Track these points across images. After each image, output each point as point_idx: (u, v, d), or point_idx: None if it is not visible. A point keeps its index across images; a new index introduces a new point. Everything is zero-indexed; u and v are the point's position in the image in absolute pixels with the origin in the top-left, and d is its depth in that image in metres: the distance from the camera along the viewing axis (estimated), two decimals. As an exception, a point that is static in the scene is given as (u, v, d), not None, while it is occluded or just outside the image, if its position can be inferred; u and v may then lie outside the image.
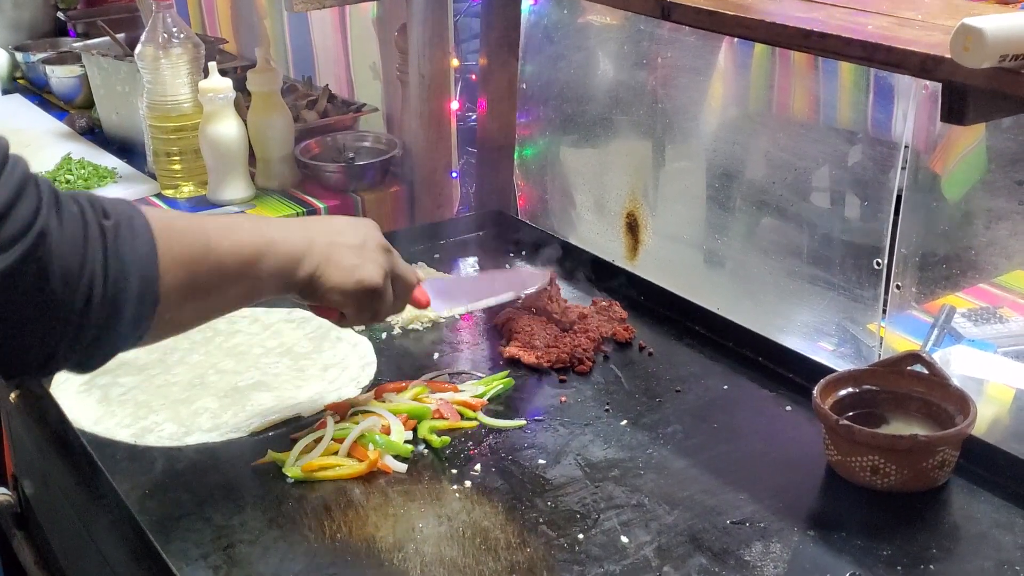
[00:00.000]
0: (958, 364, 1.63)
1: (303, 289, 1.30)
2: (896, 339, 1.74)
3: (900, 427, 1.38)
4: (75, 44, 2.96)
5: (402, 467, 1.40)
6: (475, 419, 1.50)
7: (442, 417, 1.48)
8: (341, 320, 1.38)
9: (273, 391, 1.57)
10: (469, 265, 2.03)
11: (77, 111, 2.81)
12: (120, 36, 2.65)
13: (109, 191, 2.31)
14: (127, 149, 2.52)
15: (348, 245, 1.33)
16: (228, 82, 2.21)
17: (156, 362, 1.65)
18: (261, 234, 1.24)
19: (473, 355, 1.69)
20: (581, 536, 1.26)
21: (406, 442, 1.43)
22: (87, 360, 1.06)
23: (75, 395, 1.58)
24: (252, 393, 1.57)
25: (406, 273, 1.41)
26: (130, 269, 1.04)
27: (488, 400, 1.54)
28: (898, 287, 1.71)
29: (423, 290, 1.47)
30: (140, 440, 1.47)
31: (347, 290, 1.31)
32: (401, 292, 1.41)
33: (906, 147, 1.67)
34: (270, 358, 1.66)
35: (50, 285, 0.97)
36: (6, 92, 3.11)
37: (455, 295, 1.62)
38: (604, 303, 1.78)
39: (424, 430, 1.46)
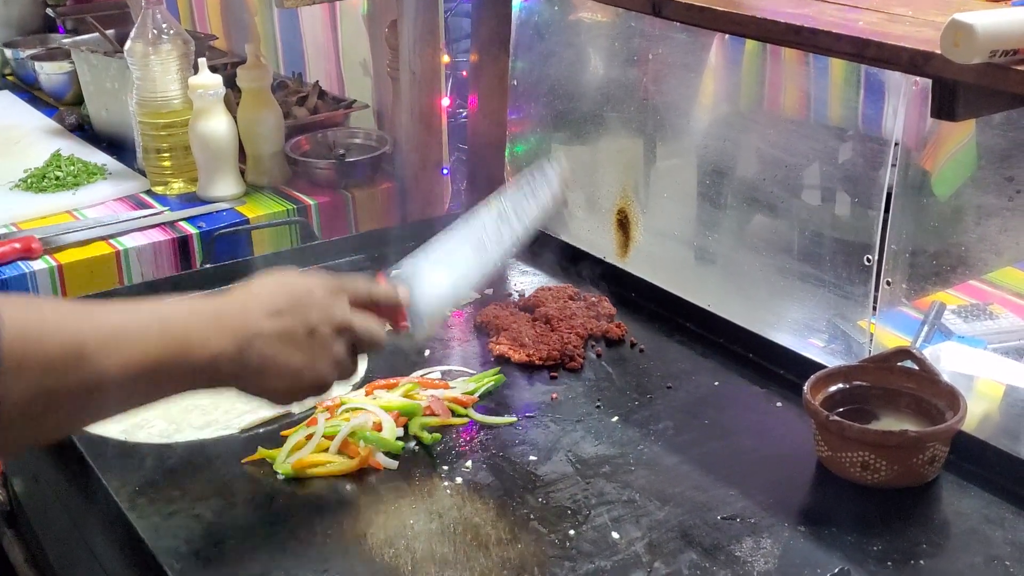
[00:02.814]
0: (948, 360, 1.63)
1: (236, 389, 1.10)
2: (886, 335, 1.74)
3: (890, 423, 1.39)
4: (64, 40, 2.95)
5: (393, 464, 1.40)
6: (466, 416, 1.50)
7: (433, 414, 1.48)
8: None
9: None
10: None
11: (66, 107, 2.80)
12: (110, 32, 2.64)
13: (98, 188, 2.30)
14: (117, 146, 2.51)
15: (292, 340, 1.09)
16: (218, 78, 2.20)
17: None
18: (169, 338, 1.00)
19: (464, 352, 1.69)
20: (572, 532, 1.26)
21: (397, 439, 1.43)
22: None
23: None
24: None
25: (371, 335, 1.19)
26: None
27: (479, 397, 1.54)
28: (888, 283, 1.72)
29: (403, 315, 1.28)
30: (131, 437, 1.46)
31: (293, 397, 1.14)
32: (369, 350, 1.22)
33: (896, 144, 1.67)
34: None
35: None
36: (-5, 88, 3.11)
37: (437, 286, 1.38)
38: (593, 299, 1.78)
39: (415, 427, 1.45)
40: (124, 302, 1.06)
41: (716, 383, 1.59)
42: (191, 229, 2.14)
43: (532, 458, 1.41)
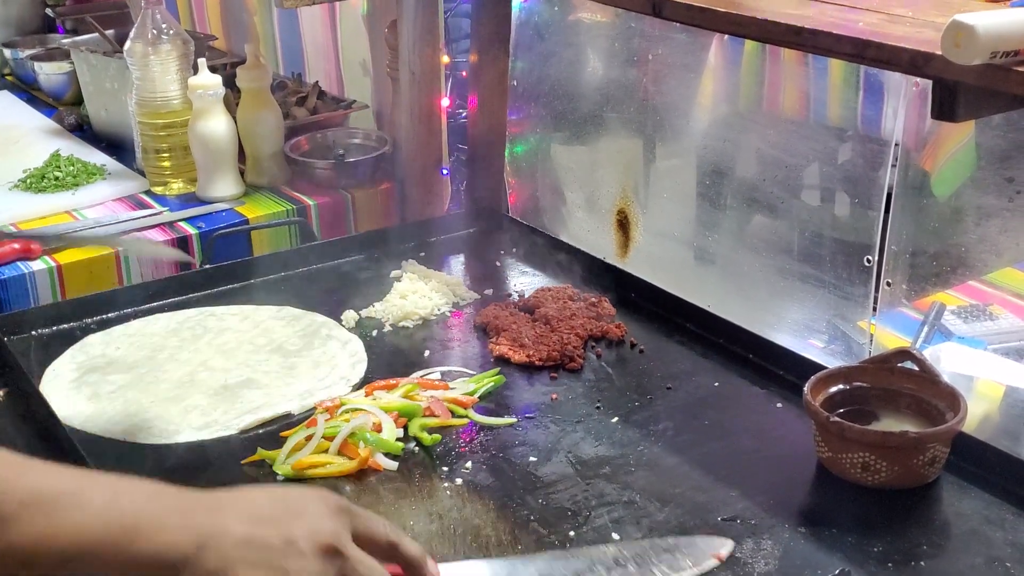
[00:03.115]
0: (948, 361, 1.63)
1: None
2: (886, 336, 1.74)
3: (891, 424, 1.38)
4: (64, 40, 2.95)
5: (393, 465, 1.39)
6: (466, 417, 1.50)
7: (433, 415, 1.48)
8: None
9: (263, 389, 1.57)
10: (459, 263, 2.03)
11: (66, 108, 2.80)
12: (109, 32, 2.64)
13: (98, 188, 2.30)
14: (116, 146, 2.51)
15: (262, 549, 0.88)
16: (217, 79, 2.20)
17: (146, 359, 1.64)
18: (113, 516, 0.84)
19: (464, 352, 1.69)
20: (572, 533, 1.26)
21: (397, 440, 1.43)
22: None
23: (65, 393, 1.57)
24: (242, 391, 1.56)
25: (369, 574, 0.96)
26: None
27: (479, 398, 1.54)
28: (888, 284, 1.72)
29: None
30: (130, 438, 1.46)
31: None
32: None
33: (896, 144, 1.67)
34: (260, 356, 1.66)
35: None
36: (-6, 89, 3.10)
37: None
38: (593, 300, 1.78)
39: (415, 428, 1.45)
40: (77, 468, 0.93)
41: (716, 384, 1.59)
42: (190, 229, 2.14)
43: (532, 459, 1.41)
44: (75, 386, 1.58)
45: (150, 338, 1.71)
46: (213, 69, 2.25)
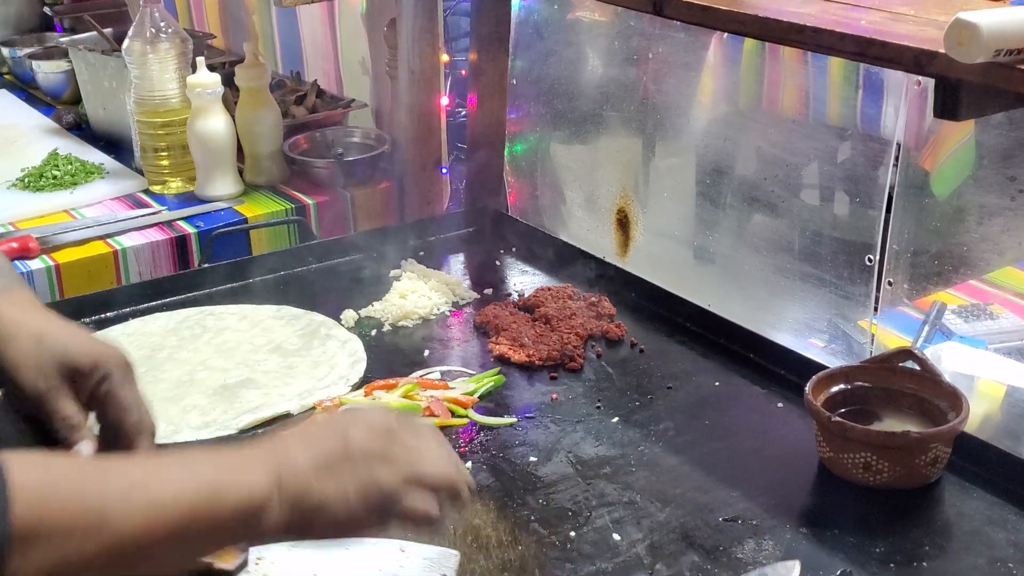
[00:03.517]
0: (949, 361, 1.63)
1: (282, 536, 0.96)
2: (887, 336, 1.73)
3: (892, 424, 1.38)
4: (62, 39, 2.94)
5: (393, 465, 1.39)
6: (466, 416, 1.49)
7: (433, 415, 1.47)
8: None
9: (262, 388, 1.56)
10: (459, 262, 2.02)
11: (64, 106, 2.79)
12: (107, 31, 2.63)
13: (96, 187, 2.30)
14: (114, 145, 2.50)
15: (329, 460, 0.95)
16: (216, 77, 2.19)
17: (144, 359, 1.63)
18: (196, 482, 0.89)
19: (464, 352, 1.69)
20: (573, 534, 1.25)
21: (396, 439, 1.42)
22: None
23: None
24: (241, 391, 1.56)
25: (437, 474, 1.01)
26: None
27: (479, 397, 1.53)
28: (889, 283, 1.71)
29: None
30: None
31: (365, 521, 0.97)
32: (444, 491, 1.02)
33: (897, 143, 1.67)
34: (259, 355, 1.65)
35: None
36: (-8, 87, 3.10)
37: None
38: (593, 299, 1.77)
39: (415, 427, 1.45)
40: (143, 455, 1.03)
41: (717, 383, 1.58)
42: (189, 228, 2.13)
43: (532, 459, 1.40)
44: None
45: (149, 337, 1.70)
46: (212, 68, 2.24)
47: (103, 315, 1.78)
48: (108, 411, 1.13)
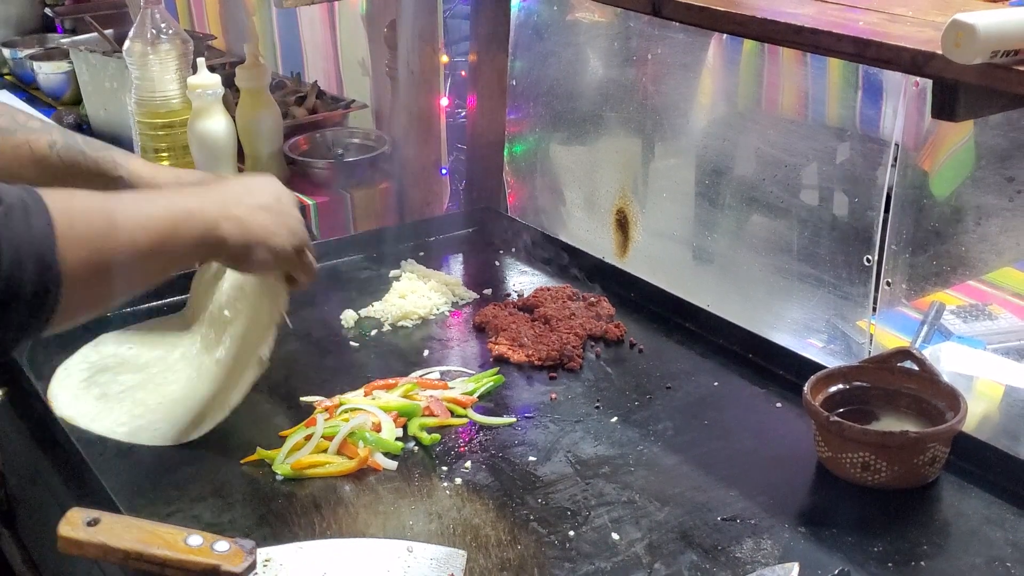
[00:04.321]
0: (947, 361, 1.63)
1: (227, 256, 1.32)
2: (886, 336, 1.74)
3: (891, 423, 1.38)
4: (63, 40, 2.95)
5: (392, 464, 1.39)
6: (465, 416, 1.50)
7: (432, 414, 1.48)
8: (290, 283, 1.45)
9: None
10: (458, 262, 2.03)
11: (65, 107, 2.79)
12: (108, 32, 2.64)
13: (97, 188, 2.30)
14: (115, 145, 2.50)
15: (262, 206, 1.33)
16: (217, 78, 2.20)
17: (157, 359, 1.63)
18: (174, 205, 1.22)
19: (463, 352, 1.69)
20: (572, 533, 1.26)
21: (396, 439, 1.43)
22: None
23: (74, 392, 1.56)
24: None
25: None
26: (25, 252, 1.02)
27: (478, 397, 1.53)
28: (888, 284, 1.72)
29: None
30: (133, 439, 1.46)
31: (276, 249, 1.34)
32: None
33: (896, 144, 1.67)
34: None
35: None
36: (-7, 88, 3.10)
37: None
38: (592, 299, 1.78)
39: (414, 427, 1.45)
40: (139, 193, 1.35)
41: (715, 383, 1.59)
42: (189, 229, 2.13)
43: (531, 459, 1.41)
44: (85, 385, 1.58)
45: (163, 337, 1.70)
46: (212, 69, 2.24)
47: (105, 314, 1.78)
48: None
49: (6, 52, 3.16)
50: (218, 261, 1.37)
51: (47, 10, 3.35)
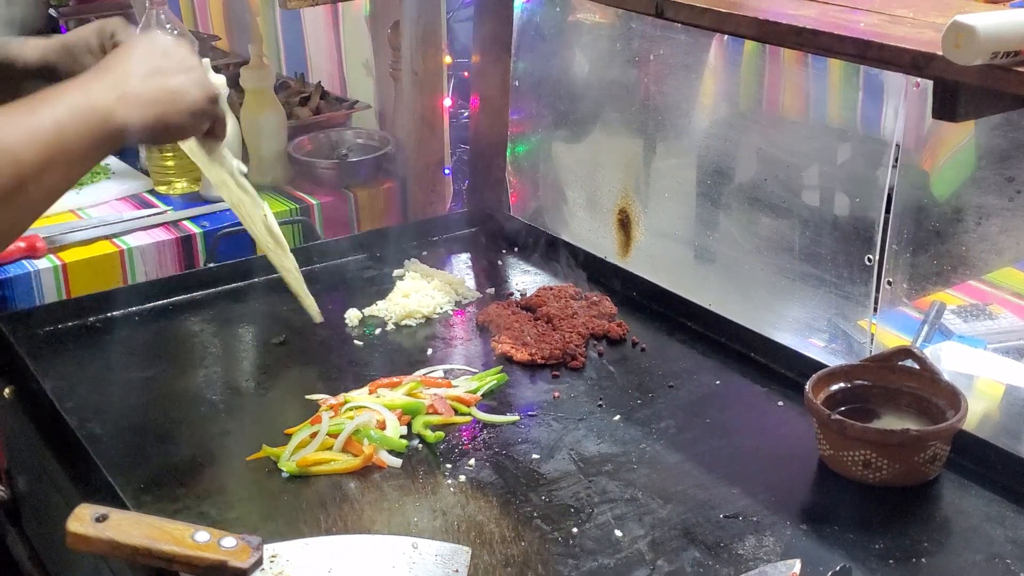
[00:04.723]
0: (948, 360, 1.64)
1: (138, 140, 1.26)
2: (887, 335, 1.74)
3: (892, 422, 1.39)
4: (67, 41, 2.94)
5: (397, 462, 1.40)
6: (469, 414, 1.50)
7: (436, 412, 1.49)
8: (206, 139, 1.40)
9: None
10: (461, 262, 2.03)
11: (69, 108, 2.80)
12: (112, 33, 2.64)
13: (102, 187, 2.31)
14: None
15: (154, 70, 1.21)
16: (221, 79, 2.17)
17: None
18: (57, 108, 1.12)
19: (466, 351, 1.70)
20: (575, 530, 1.27)
21: (401, 437, 1.44)
22: None
23: None
24: None
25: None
26: None
27: (482, 395, 1.54)
28: (889, 283, 1.72)
29: None
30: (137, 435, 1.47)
31: (189, 109, 1.24)
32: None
33: (897, 144, 1.68)
34: None
35: None
36: (-3, 89, 3.10)
37: None
38: (595, 298, 1.79)
39: (418, 425, 1.46)
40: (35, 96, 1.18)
41: (718, 382, 1.59)
42: (194, 228, 2.14)
43: (535, 456, 1.41)
44: None
45: None
46: (216, 69, 2.24)
47: (109, 314, 1.79)
48: None
49: (10, 52, 3.17)
50: (133, 146, 1.28)
51: (52, 11, 3.36)
